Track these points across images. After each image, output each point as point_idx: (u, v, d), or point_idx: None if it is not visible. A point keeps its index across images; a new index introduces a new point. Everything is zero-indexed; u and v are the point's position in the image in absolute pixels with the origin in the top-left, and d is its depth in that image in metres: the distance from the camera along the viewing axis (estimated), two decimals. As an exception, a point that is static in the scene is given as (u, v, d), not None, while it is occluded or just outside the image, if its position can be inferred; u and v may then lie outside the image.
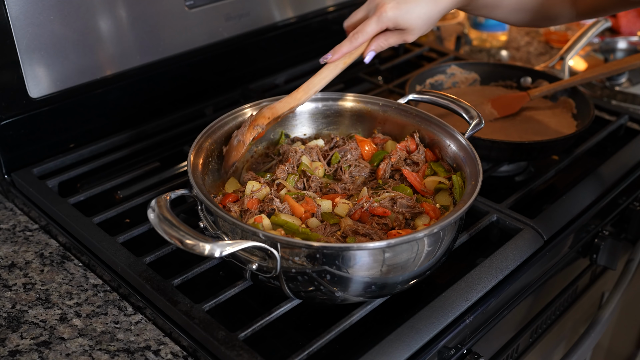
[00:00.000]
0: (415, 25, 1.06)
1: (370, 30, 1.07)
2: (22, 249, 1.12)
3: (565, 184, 1.33)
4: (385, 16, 1.05)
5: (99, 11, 1.26)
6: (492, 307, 1.00)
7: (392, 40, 1.09)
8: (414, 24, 1.06)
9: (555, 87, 1.41)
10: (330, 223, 0.98)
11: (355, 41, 1.08)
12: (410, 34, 1.08)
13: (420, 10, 1.05)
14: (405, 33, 1.08)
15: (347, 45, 1.09)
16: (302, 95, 1.10)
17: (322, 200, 1.01)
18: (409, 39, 1.09)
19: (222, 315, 0.96)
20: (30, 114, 1.24)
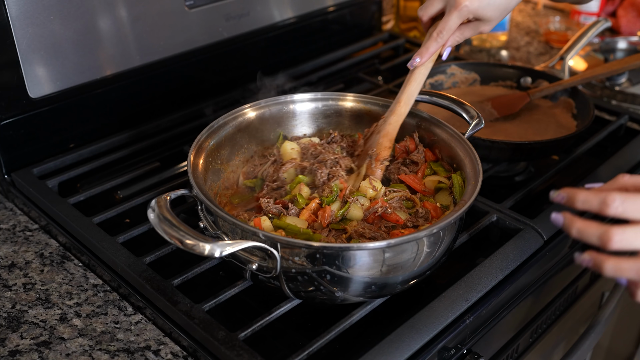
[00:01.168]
0: (493, 16, 1.05)
1: (453, 25, 1.05)
2: (22, 249, 1.12)
3: (565, 184, 1.33)
4: (467, 9, 1.03)
5: (99, 11, 1.26)
6: (492, 307, 1.00)
7: (468, 33, 1.08)
8: (493, 15, 1.05)
9: (555, 87, 1.41)
10: (334, 228, 0.98)
11: (441, 39, 1.06)
12: (487, 24, 1.07)
13: (499, 3, 1.04)
14: (482, 24, 1.07)
15: (433, 45, 1.07)
16: (406, 109, 1.09)
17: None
18: (485, 29, 1.08)
19: (222, 315, 0.96)
20: (30, 114, 1.24)
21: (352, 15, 1.79)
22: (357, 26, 1.83)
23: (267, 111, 1.15)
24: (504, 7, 1.05)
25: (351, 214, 0.99)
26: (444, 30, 1.05)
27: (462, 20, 1.05)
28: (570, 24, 2.02)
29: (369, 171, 1.06)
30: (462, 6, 1.03)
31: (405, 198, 1.02)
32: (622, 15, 1.99)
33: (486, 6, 1.04)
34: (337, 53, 1.73)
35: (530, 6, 2.25)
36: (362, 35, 1.84)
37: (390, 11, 2.12)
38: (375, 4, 1.85)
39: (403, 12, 1.95)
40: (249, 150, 1.15)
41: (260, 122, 1.15)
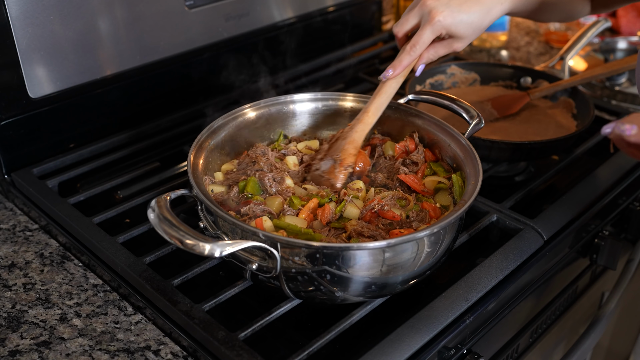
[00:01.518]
0: (466, 34, 1.06)
1: (426, 40, 1.06)
2: (22, 249, 1.12)
3: (565, 184, 1.33)
4: (440, 24, 1.04)
5: (99, 11, 1.26)
6: (492, 307, 1.00)
7: (441, 51, 1.09)
8: (466, 32, 1.06)
9: (555, 87, 1.41)
10: (334, 227, 0.98)
11: (414, 53, 1.07)
12: (460, 42, 1.08)
13: (473, 19, 1.05)
14: (455, 41, 1.08)
15: (406, 58, 1.07)
16: (373, 119, 1.09)
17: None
18: (458, 47, 1.09)
19: (222, 315, 0.96)
20: (30, 114, 1.24)
21: (352, 15, 1.79)
22: (357, 26, 1.83)
23: (267, 111, 1.15)
24: (477, 26, 1.06)
25: (348, 212, 0.99)
26: (418, 44, 1.06)
27: (435, 35, 1.06)
28: (570, 24, 2.02)
29: (331, 175, 1.05)
30: (436, 21, 1.04)
31: (398, 197, 1.02)
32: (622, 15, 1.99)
33: (459, 23, 1.04)
34: (337, 53, 1.73)
35: (530, 6, 2.25)
36: (362, 35, 1.84)
37: (390, 11, 2.12)
38: (375, 4, 1.85)
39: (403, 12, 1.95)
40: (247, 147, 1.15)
41: (260, 122, 1.15)
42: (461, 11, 1.04)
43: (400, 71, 1.08)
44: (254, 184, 1.03)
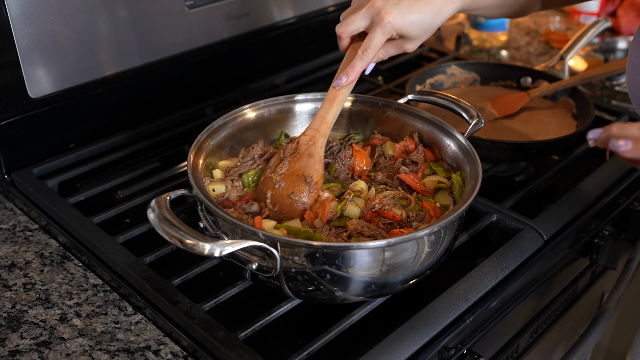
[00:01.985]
0: (417, 35, 1.04)
1: (378, 43, 1.03)
2: (22, 249, 1.12)
3: (565, 184, 1.33)
4: (390, 26, 1.01)
5: (99, 11, 1.26)
6: (492, 307, 1.00)
7: (392, 51, 1.08)
8: (416, 33, 1.04)
9: (555, 87, 1.41)
10: (335, 225, 0.98)
11: (367, 57, 1.04)
12: (411, 43, 1.06)
13: (424, 19, 1.02)
14: (406, 42, 1.06)
15: (359, 64, 1.05)
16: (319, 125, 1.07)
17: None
18: (409, 48, 1.07)
19: (222, 315, 0.96)
20: (30, 114, 1.24)
21: (352, 15, 1.79)
22: (357, 26, 1.83)
23: (267, 111, 1.15)
24: (428, 26, 1.04)
25: (348, 211, 0.99)
26: (369, 47, 1.03)
27: (386, 37, 1.03)
28: (570, 24, 2.02)
29: (301, 196, 1.01)
30: (386, 22, 1.01)
31: (399, 196, 1.02)
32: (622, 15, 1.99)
33: (410, 24, 1.02)
34: (337, 53, 1.73)
35: (530, 6, 2.25)
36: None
37: (390, 11, 2.11)
38: (375, 4, 1.85)
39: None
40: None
41: (260, 122, 1.15)
42: (411, 12, 1.01)
43: (354, 78, 1.06)
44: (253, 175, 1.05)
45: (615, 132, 0.85)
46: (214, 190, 1.02)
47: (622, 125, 0.85)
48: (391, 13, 1.00)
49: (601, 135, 0.86)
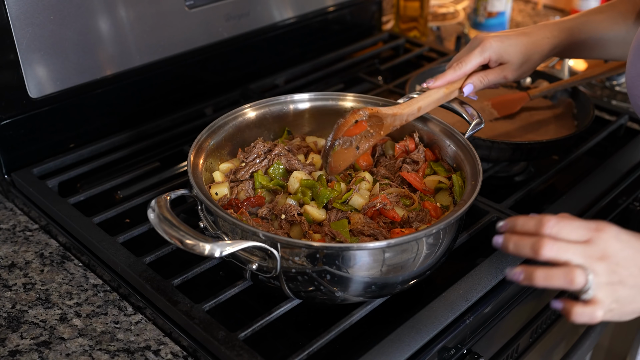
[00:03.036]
0: (516, 61, 1.11)
1: (474, 60, 1.10)
2: (22, 249, 1.12)
3: (565, 184, 1.33)
4: (489, 47, 1.09)
5: (99, 11, 1.26)
6: (492, 307, 1.00)
7: (492, 77, 1.12)
8: (515, 59, 1.10)
9: (555, 87, 1.41)
10: (336, 207, 1.00)
11: (459, 70, 1.09)
12: (510, 70, 1.11)
13: (522, 47, 1.10)
14: (505, 69, 1.11)
15: (450, 73, 1.10)
16: (406, 107, 1.08)
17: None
18: (508, 76, 1.12)
19: (222, 315, 0.96)
20: (30, 114, 1.24)
21: (352, 15, 1.79)
22: (357, 26, 1.83)
23: (267, 111, 1.15)
24: (525, 53, 1.10)
25: (353, 201, 1.00)
26: (464, 61, 1.09)
27: (483, 57, 1.09)
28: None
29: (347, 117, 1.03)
30: (485, 43, 1.09)
31: (403, 195, 1.02)
32: (622, 15, 1.98)
33: (507, 48, 1.09)
34: (337, 53, 1.73)
35: (530, 6, 2.25)
36: (362, 35, 1.84)
37: (390, 11, 2.12)
38: (375, 4, 1.85)
39: (403, 12, 1.95)
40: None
41: (260, 121, 1.15)
42: (509, 38, 1.10)
43: (441, 83, 1.10)
44: (276, 168, 1.06)
45: (511, 248, 0.81)
46: (217, 194, 1.02)
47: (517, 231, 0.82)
48: (492, 38, 1.09)
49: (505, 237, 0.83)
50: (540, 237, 0.79)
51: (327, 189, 1.01)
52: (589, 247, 0.78)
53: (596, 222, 0.81)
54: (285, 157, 1.08)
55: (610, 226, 0.80)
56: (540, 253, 0.78)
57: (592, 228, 0.80)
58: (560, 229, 0.79)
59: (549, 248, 0.78)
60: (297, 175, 1.03)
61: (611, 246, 0.79)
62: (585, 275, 0.77)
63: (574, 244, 0.78)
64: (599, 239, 0.79)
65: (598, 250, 0.78)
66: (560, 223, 0.80)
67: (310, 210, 0.98)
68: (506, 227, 0.84)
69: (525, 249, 0.80)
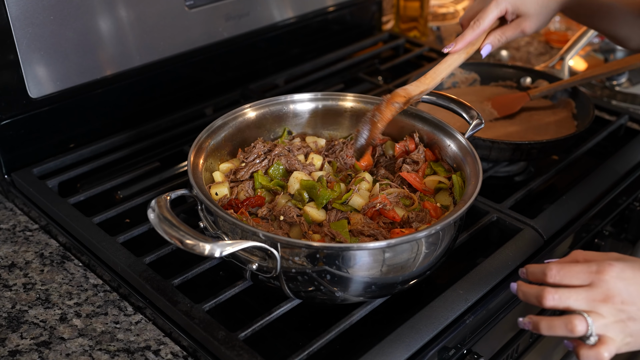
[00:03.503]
0: (533, 11, 1.04)
1: (491, 15, 1.04)
2: (22, 249, 1.12)
3: (565, 184, 1.33)
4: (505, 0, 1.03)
5: (99, 11, 1.26)
6: (492, 307, 1.00)
7: (509, 33, 1.07)
8: (532, 9, 1.04)
9: (555, 87, 1.41)
10: (336, 207, 1.00)
11: (478, 28, 1.05)
12: (528, 21, 1.05)
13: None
14: (523, 21, 1.05)
15: (469, 34, 1.06)
16: (430, 81, 1.08)
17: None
18: (526, 28, 1.06)
19: (222, 315, 0.97)
20: (30, 114, 1.24)
21: (352, 15, 1.79)
22: (357, 26, 1.83)
23: (267, 111, 1.15)
24: (544, 3, 1.05)
25: (353, 201, 1.00)
26: (481, 19, 1.05)
27: (499, 10, 1.04)
28: (570, 23, 2.02)
29: (378, 111, 1.03)
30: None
31: (403, 195, 1.02)
32: (622, 15, 1.98)
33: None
34: (337, 53, 1.73)
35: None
36: (362, 35, 1.84)
37: (390, 11, 2.12)
38: (375, 4, 1.85)
39: (403, 12, 1.95)
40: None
41: (260, 121, 1.15)
42: None
43: (462, 46, 1.07)
44: (276, 168, 1.06)
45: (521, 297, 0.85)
46: (217, 194, 1.02)
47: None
48: None
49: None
50: (543, 288, 0.82)
51: (327, 189, 1.01)
52: (591, 291, 0.80)
53: (598, 263, 0.82)
54: (285, 158, 1.08)
55: (612, 266, 0.81)
56: (544, 303, 0.81)
57: (593, 271, 0.81)
58: (563, 277, 0.82)
59: (550, 298, 0.81)
60: (297, 176, 1.03)
61: (614, 286, 0.80)
62: (586, 322, 0.79)
63: (576, 290, 0.80)
64: (601, 281, 0.80)
65: (600, 292, 0.80)
66: (562, 271, 0.82)
67: (309, 211, 0.98)
68: (522, 274, 0.88)
69: (532, 298, 0.83)
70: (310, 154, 1.12)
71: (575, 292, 0.80)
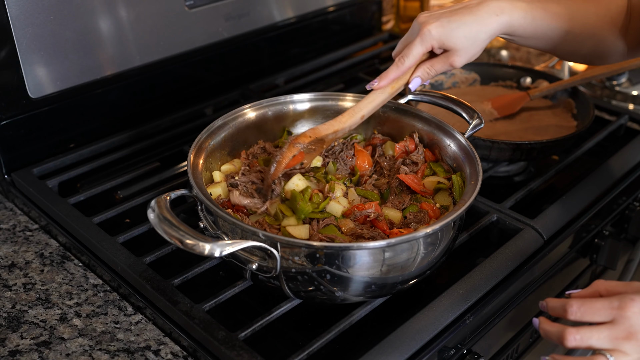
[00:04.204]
0: (461, 46, 1.01)
1: (415, 52, 1.02)
2: (22, 249, 1.12)
3: (565, 184, 1.33)
4: (429, 35, 1.00)
5: (99, 11, 1.26)
6: (492, 307, 1.00)
7: (438, 67, 1.04)
8: (460, 44, 1.01)
9: (555, 87, 1.41)
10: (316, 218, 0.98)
11: (402, 65, 1.03)
12: (457, 55, 1.02)
13: (466, 30, 1.00)
14: (451, 55, 1.02)
15: (394, 71, 1.03)
16: (348, 119, 1.05)
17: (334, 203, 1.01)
18: (455, 62, 1.03)
19: (222, 315, 0.96)
20: (30, 114, 1.24)
21: (352, 15, 1.79)
22: (357, 26, 1.83)
23: (267, 111, 1.15)
24: (472, 37, 1.00)
25: (331, 207, 0.98)
26: (406, 56, 1.02)
27: (425, 47, 1.01)
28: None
29: (282, 155, 1.01)
30: (425, 31, 1.00)
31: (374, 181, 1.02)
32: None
33: (450, 32, 1.00)
34: (337, 53, 1.73)
35: (530, 6, 2.25)
36: (362, 35, 1.84)
37: (390, 11, 2.12)
38: (375, 4, 1.85)
39: (403, 12, 1.95)
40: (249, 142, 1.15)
41: (260, 122, 1.15)
42: (451, 21, 1.00)
43: (385, 83, 1.04)
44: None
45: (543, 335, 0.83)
46: (211, 194, 1.02)
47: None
48: (432, 24, 1.00)
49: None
50: (565, 328, 0.80)
51: (307, 203, 0.97)
52: (613, 328, 0.78)
53: (620, 298, 0.80)
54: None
55: (633, 301, 0.79)
56: (566, 344, 0.80)
57: (615, 307, 0.79)
58: (584, 314, 0.80)
59: (572, 339, 0.79)
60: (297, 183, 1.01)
61: (637, 322, 0.78)
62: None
63: (598, 328, 0.79)
64: (623, 318, 0.78)
65: (623, 330, 0.78)
66: (582, 307, 0.80)
67: (290, 230, 0.95)
68: (542, 307, 0.87)
69: (554, 338, 0.82)
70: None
71: (597, 331, 0.78)
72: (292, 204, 0.98)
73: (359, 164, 1.11)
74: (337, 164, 1.11)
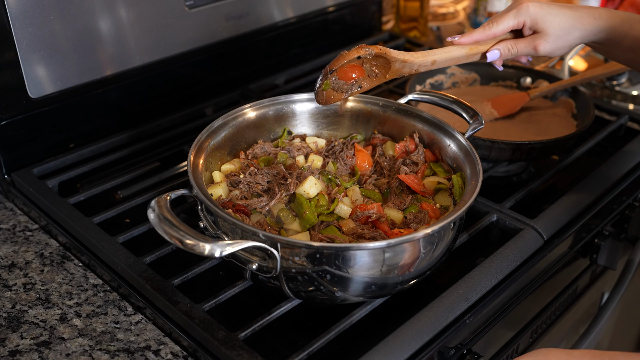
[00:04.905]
0: (552, 31, 0.99)
1: (506, 22, 1.00)
2: (22, 249, 1.12)
3: (565, 184, 1.33)
4: (526, 10, 0.99)
5: (99, 11, 1.26)
6: (492, 307, 1.00)
7: (521, 46, 1.02)
8: (552, 29, 0.99)
9: (555, 87, 1.41)
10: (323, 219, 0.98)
11: (489, 30, 1.01)
12: (544, 40, 1.00)
13: (563, 19, 0.99)
14: (539, 38, 1.00)
15: (479, 32, 1.02)
16: (419, 56, 1.03)
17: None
18: (540, 46, 1.01)
19: (222, 315, 0.96)
20: (30, 114, 1.24)
21: (352, 15, 1.79)
22: (357, 26, 1.83)
23: (267, 111, 1.15)
24: (564, 27, 0.99)
25: (339, 209, 0.99)
26: (495, 21, 1.01)
27: (518, 21, 1.00)
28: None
29: (350, 51, 1.03)
30: (523, 6, 0.99)
31: (373, 181, 1.03)
32: (622, 15, 1.98)
33: (546, 15, 0.99)
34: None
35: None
36: (362, 35, 1.84)
37: (390, 11, 2.12)
38: (375, 4, 1.85)
39: (403, 12, 1.95)
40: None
41: (260, 122, 1.15)
42: (552, 6, 0.99)
43: (467, 41, 1.03)
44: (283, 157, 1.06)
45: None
46: (212, 195, 1.02)
47: None
48: (531, 2, 0.99)
49: None
50: None
51: (314, 213, 0.97)
52: None
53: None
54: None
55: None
56: None
57: None
58: None
59: None
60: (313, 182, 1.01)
61: None
62: None
63: None
64: None
65: None
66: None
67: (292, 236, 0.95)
68: None
69: None
70: (311, 155, 1.12)
71: None
72: (297, 209, 0.98)
73: (359, 163, 1.11)
74: (337, 164, 1.11)
